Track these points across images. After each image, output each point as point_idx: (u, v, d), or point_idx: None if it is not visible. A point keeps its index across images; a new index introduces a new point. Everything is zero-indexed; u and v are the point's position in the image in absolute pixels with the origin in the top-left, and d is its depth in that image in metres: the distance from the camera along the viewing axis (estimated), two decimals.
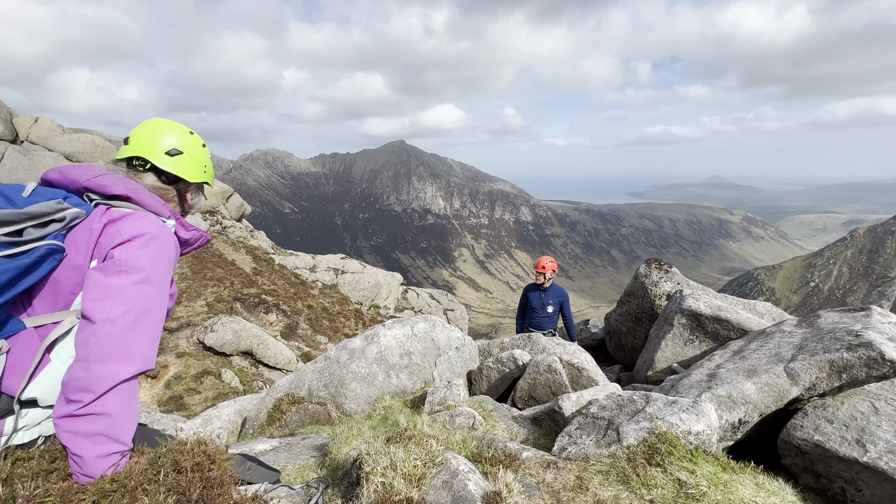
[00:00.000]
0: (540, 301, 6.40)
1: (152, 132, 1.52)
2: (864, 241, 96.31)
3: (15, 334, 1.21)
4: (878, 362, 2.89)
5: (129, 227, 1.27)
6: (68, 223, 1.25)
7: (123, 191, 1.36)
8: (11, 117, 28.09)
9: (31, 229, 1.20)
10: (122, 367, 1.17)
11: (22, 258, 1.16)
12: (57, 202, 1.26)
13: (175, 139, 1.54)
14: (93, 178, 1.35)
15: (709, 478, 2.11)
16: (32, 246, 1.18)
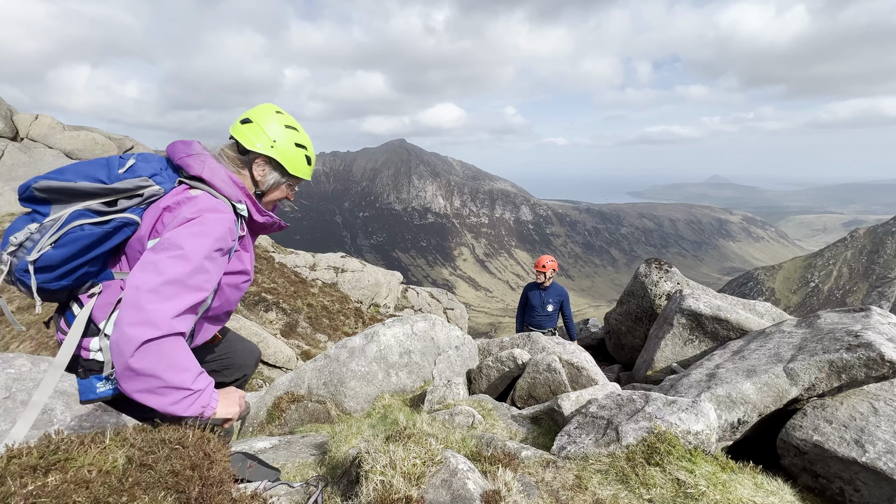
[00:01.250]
0: (540, 300, 6.41)
1: (249, 112, 1.66)
2: (864, 242, 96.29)
3: (107, 281, 1.49)
4: (878, 363, 2.89)
5: (184, 212, 1.43)
6: (146, 199, 1.46)
7: (201, 172, 1.51)
8: (11, 114, 28.06)
9: (123, 200, 1.43)
10: (145, 330, 1.27)
11: (103, 226, 1.40)
12: (141, 179, 1.46)
13: (255, 113, 1.64)
14: (184, 156, 1.53)
15: (708, 477, 2.11)
16: (110, 217, 1.41)
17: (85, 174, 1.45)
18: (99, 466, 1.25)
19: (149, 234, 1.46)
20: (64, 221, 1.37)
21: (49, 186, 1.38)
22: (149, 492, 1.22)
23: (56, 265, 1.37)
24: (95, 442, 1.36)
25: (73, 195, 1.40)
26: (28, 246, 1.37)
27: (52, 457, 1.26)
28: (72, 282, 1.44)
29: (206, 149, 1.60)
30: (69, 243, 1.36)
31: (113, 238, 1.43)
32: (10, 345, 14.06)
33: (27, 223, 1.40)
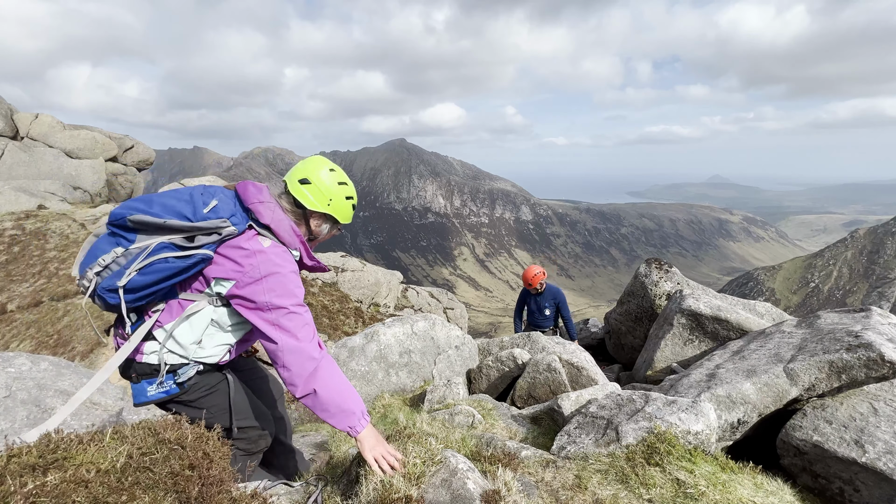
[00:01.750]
0: (537, 305, 6.46)
1: (302, 165, 1.87)
2: (865, 242, 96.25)
3: (172, 300, 1.69)
4: (878, 363, 2.89)
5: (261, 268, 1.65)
6: (223, 238, 1.64)
7: (268, 222, 1.71)
8: (12, 113, 28.03)
9: (201, 236, 1.61)
10: (310, 364, 1.64)
11: (186, 260, 1.58)
12: (221, 221, 1.63)
13: (310, 173, 1.83)
14: (256, 202, 1.72)
15: (707, 477, 2.11)
16: (192, 253, 1.59)
17: (172, 210, 1.62)
18: (98, 466, 1.25)
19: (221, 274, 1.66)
20: (150, 252, 1.56)
21: (143, 221, 1.56)
22: (148, 491, 1.22)
23: (139, 289, 1.57)
24: (94, 441, 1.36)
25: (161, 229, 1.58)
26: (113, 269, 1.56)
27: (51, 456, 1.26)
28: (146, 302, 1.65)
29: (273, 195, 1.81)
30: (154, 273, 1.56)
31: (190, 270, 1.62)
32: (9, 344, 14.04)
33: (112, 246, 1.60)
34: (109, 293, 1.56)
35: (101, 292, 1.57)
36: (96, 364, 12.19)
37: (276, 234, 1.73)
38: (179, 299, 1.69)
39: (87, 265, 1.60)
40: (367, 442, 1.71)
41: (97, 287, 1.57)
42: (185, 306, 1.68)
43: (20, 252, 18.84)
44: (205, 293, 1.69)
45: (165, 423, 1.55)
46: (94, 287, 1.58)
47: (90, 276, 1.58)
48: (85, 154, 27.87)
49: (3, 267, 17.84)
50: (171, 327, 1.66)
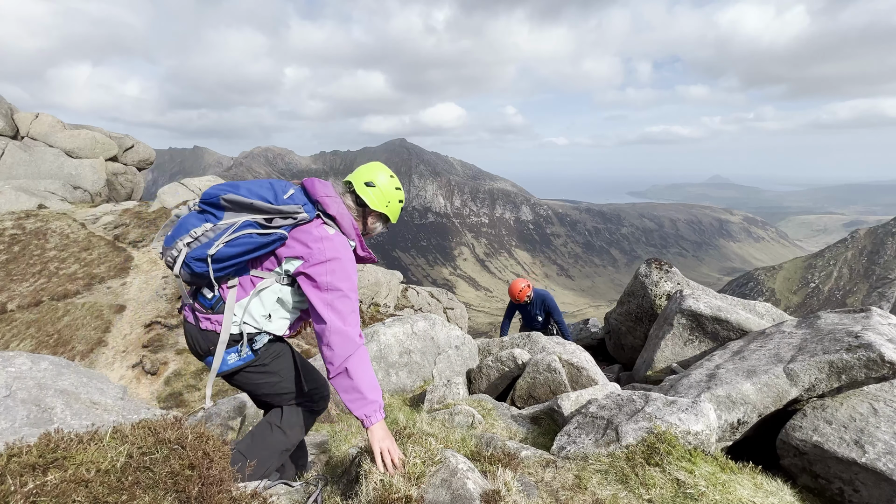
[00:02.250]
0: (528, 313, 6.52)
1: (366, 169, 2.10)
2: (865, 243, 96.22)
3: (244, 275, 1.88)
4: (878, 364, 2.89)
5: (327, 251, 1.83)
6: (297, 222, 1.84)
7: (334, 213, 1.93)
8: (12, 113, 28.02)
9: (279, 219, 1.80)
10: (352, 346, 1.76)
11: (265, 237, 1.78)
12: (298, 207, 1.84)
13: (375, 177, 2.06)
14: (324, 196, 1.93)
15: (707, 478, 2.11)
16: (272, 231, 1.79)
17: (257, 194, 1.84)
18: (98, 465, 1.25)
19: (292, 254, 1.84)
20: (237, 228, 1.76)
21: (233, 199, 1.79)
22: (148, 491, 1.22)
23: (224, 259, 1.76)
24: (94, 441, 1.36)
25: (247, 208, 1.80)
26: (203, 240, 1.76)
27: (52, 455, 1.25)
28: (225, 273, 1.82)
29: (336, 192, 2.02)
30: (239, 245, 1.76)
31: (269, 247, 1.81)
32: (10, 343, 14.04)
33: (202, 221, 1.81)
34: (197, 262, 1.76)
35: (189, 261, 1.76)
36: (96, 363, 12.19)
37: (340, 225, 1.94)
38: (251, 276, 1.88)
39: (177, 237, 1.80)
40: (377, 433, 1.78)
41: (186, 256, 1.76)
42: (256, 283, 1.88)
43: (20, 251, 18.84)
44: (274, 272, 1.88)
45: (165, 423, 1.55)
46: (182, 256, 1.76)
47: (180, 246, 1.77)
48: (85, 154, 27.86)
49: (4, 266, 17.85)
50: (246, 301, 1.86)
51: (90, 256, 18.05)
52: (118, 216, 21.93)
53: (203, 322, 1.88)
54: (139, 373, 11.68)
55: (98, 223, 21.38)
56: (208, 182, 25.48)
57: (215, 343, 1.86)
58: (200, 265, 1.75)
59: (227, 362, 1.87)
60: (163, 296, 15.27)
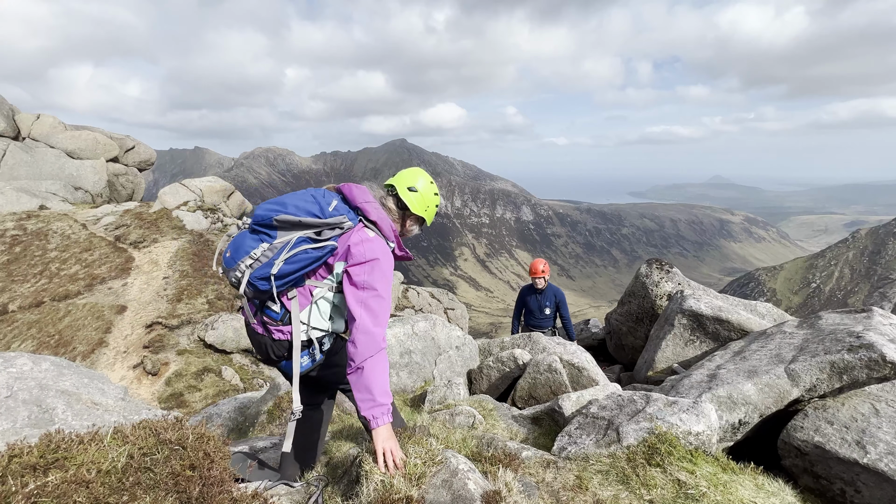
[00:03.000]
0: (537, 303, 6.41)
1: (409, 174, 2.25)
2: (866, 243, 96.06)
3: (302, 286, 2.02)
4: (879, 364, 2.88)
5: (366, 253, 1.95)
6: (343, 231, 1.99)
7: (375, 219, 2.05)
8: (13, 114, 28.07)
9: (327, 231, 1.95)
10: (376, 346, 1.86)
11: (319, 251, 1.93)
12: (342, 217, 1.98)
13: (417, 182, 2.21)
14: (364, 202, 2.05)
15: (708, 478, 2.11)
16: (324, 244, 1.93)
17: (304, 210, 1.98)
18: (99, 466, 1.25)
19: (337, 258, 2.00)
20: (293, 245, 1.90)
21: (286, 220, 1.93)
22: (149, 492, 1.22)
23: (285, 276, 1.91)
24: (95, 441, 1.36)
25: (298, 226, 1.94)
26: (262, 260, 1.91)
27: (52, 456, 1.26)
28: (286, 287, 1.97)
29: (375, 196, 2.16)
30: (297, 262, 1.90)
31: (322, 259, 1.96)
32: (11, 344, 14.05)
33: (258, 242, 1.96)
34: (261, 280, 1.91)
35: (254, 280, 1.91)
36: (97, 364, 12.20)
37: (380, 229, 2.07)
38: (307, 286, 2.04)
39: (237, 258, 1.96)
40: (381, 434, 1.84)
41: (249, 276, 1.92)
42: (312, 291, 2.04)
43: (22, 252, 18.86)
44: (327, 279, 2.04)
45: (166, 424, 1.55)
46: (246, 278, 1.92)
47: (242, 267, 1.93)
48: (86, 154, 27.89)
49: (5, 267, 17.87)
50: (308, 310, 2.04)
51: (91, 257, 18.07)
52: (119, 217, 21.96)
53: (275, 333, 2.04)
54: (140, 373, 11.69)
55: (99, 224, 21.40)
56: (209, 183, 25.50)
57: (288, 350, 2.05)
58: (264, 283, 1.91)
59: (302, 366, 2.06)
60: (164, 296, 15.29)
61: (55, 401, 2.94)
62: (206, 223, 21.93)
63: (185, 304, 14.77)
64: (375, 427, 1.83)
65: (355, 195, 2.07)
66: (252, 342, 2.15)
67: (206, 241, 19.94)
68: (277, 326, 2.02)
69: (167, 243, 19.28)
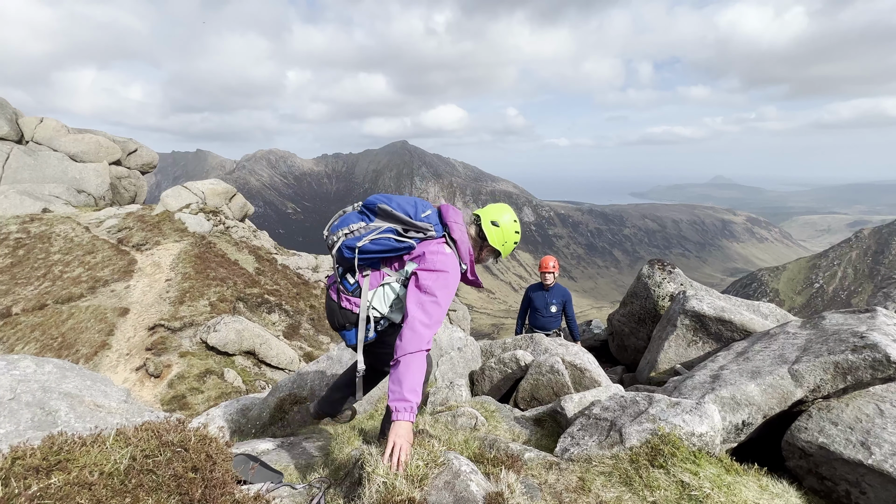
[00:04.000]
0: (544, 301, 6.37)
1: (495, 209, 2.52)
2: (869, 243, 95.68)
3: (376, 270, 2.33)
4: (884, 364, 2.87)
5: (438, 263, 2.19)
6: (426, 237, 2.28)
7: (456, 238, 2.31)
8: (17, 117, 28.22)
9: (413, 231, 2.25)
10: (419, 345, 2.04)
11: (399, 243, 2.23)
12: (430, 225, 2.27)
13: (500, 217, 2.47)
14: (452, 221, 2.34)
15: (712, 480, 2.10)
16: (405, 240, 2.23)
17: (402, 209, 2.29)
18: (101, 468, 1.25)
19: (412, 258, 2.27)
20: (383, 230, 2.24)
21: (386, 209, 2.28)
22: (152, 494, 1.22)
23: (366, 252, 2.26)
24: (97, 443, 1.36)
25: (392, 218, 2.27)
26: (356, 234, 2.28)
27: (55, 458, 1.26)
28: (362, 263, 2.29)
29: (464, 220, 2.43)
30: (380, 244, 2.24)
31: (399, 252, 2.27)
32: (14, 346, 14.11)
33: (359, 220, 2.32)
34: (348, 249, 2.27)
35: (342, 247, 2.28)
36: (100, 366, 12.23)
37: (457, 248, 2.32)
38: (381, 272, 2.34)
39: (339, 227, 2.33)
40: (399, 429, 1.93)
41: (341, 243, 2.28)
42: (384, 277, 2.32)
43: (25, 255, 18.95)
44: (398, 272, 2.32)
45: (168, 426, 1.56)
46: (339, 243, 2.28)
47: (339, 235, 2.30)
48: (89, 157, 28.02)
49: (9, 270, 17.94)
50: (373, 292, 2.32)
51: (94, 260, 18.14)
52: (122, 219, 22.03)
53: (344, 302, 2.37)
54: (143, 375, 11.71)
55: (102, 226, 21.48)
56: (211, 185, 25.57)
57: (350, 320, 2.36)
58: (349, 252, 2.27)
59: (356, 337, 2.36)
60: (166, 299, 15.33)
61: (58, 403, 2.95)
62: (209, 225, 22.00)
63: (187, 307, 14.81)
64: (395, 420, 1.95)
65: (449, 214, 2.37)
66: (326, 307, 2.49)
67: (209, 244, 19.99)
68: (347, 296, 2.36)
69: (169, 246, 19.33)
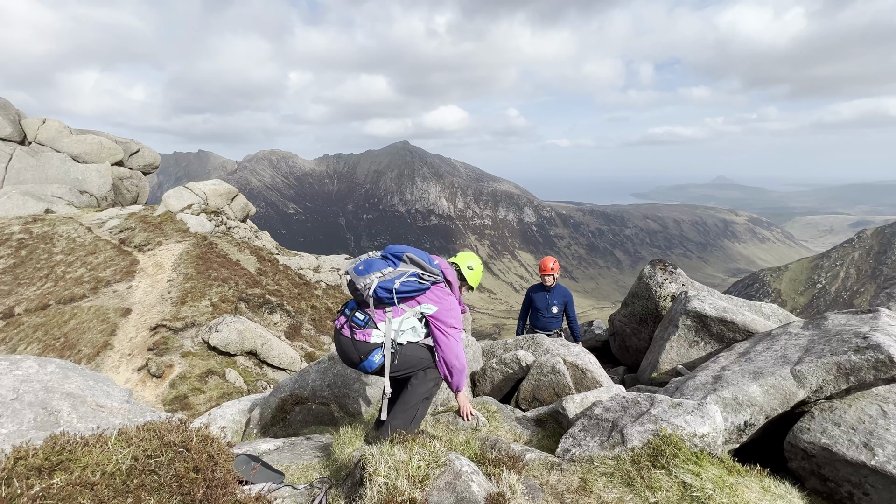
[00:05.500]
0: (545, 302, 6.36)
1: (466, 257, 3.32)
2: (872, 243, 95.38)
3: (395, 305, 2.78)
4: (887, 365, 2.86)
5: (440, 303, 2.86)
6: (434, 281, 2.84)
7: (451, 280, 2.98)
8: (20, 118, 28.32)
9: (428, 276, 2.81)
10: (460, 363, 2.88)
11: (422, 284, 2.79)
12: (438, 272, 2.87)
13: (472, 264, 3.29)
14: (446, 270, 2.97)
15: (714, 480, 2.09)
16: (424, 283, 2.79)
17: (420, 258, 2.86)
18: (103, 468, 1.25)
19: (424, 296, 2.83)
20: (409, 275, 2.76)
21: (412, 258, 2.84)
22: (154, 494, 1.22)
23: (401, 292, 2.73)
24: (99, 443, 1.37)
25: (416, 265, 2.83)
26: (387, 277, 2.73)
27: (57, 458, 1.26)
28: (390, 302, 2.74)
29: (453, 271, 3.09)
30: (408, 286, 2.74)
31: (420, 292, 2.80)
32: (17, 346, 14.15)
33: (386, 265, 2.79)
34: (384, 290, 2.70)
35: (378, 289, 2.71)
36: (102, 367, 12.26)
37: (451, 287, 2.99)
38: (400, 307, 2.82)
39: (370, 271, 2.77)
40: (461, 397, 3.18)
41: (376, 285, 2.70)
42: (402, 313, 2.82)
43: (28, 256, 19.01)
44: (412, 309, 2.84)
45: (170, 426, 1.56)
46: (374, 285, 2.70)
47: (373, 277, 2.73)
48: (91, 158, 28.10)
49: (11, 270, 18.00)
50: (398, 321, 2.80)
51: (96, 260, 18.18)
52: (124, 220, 22.09)
53: (358, 334, 2.76)
54: (144, 376, 11.74)
55: (104, 227, 21.54)
56: (213, 186, 25.62)
57: (365, 351, 2.76)
58: (385, 293, 2.71)
59: (375, 362, 2.76)
60: (168, 299, 15.36)
61: (60, 403, 2.95)
62: (210, 226, 22.04)
63: (189, 307, 14.83)
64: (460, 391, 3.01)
65: (446, 267, 3.03)
66: (336, 343, 2.88)
67: (210, 244, 20.02)
68: (359, 330, 2.76)
69: (171, 246, 19.37)
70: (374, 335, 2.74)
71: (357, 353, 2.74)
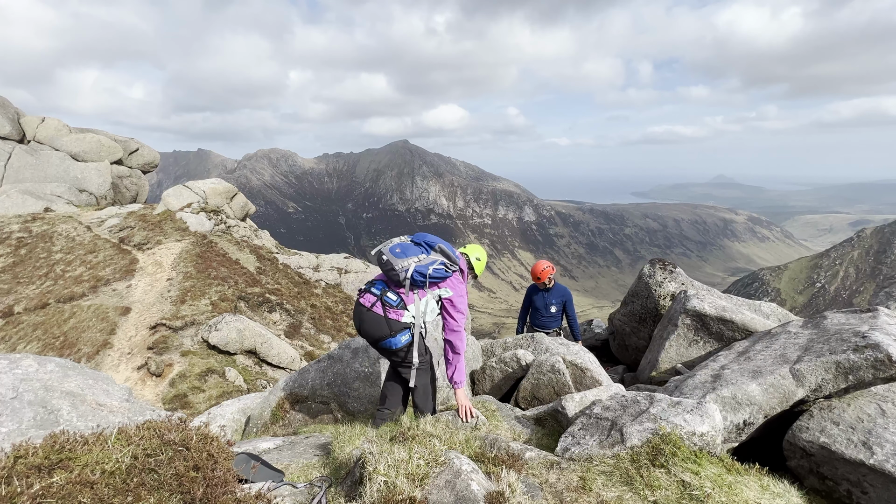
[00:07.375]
0: (543, 301, 6.37)
1: (474, 249, 3.66)
2: (871, 242, 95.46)
3: (421, 288, 3.10)
4: (886, 364, 2.86)
5: (455, 289, 3.18)
6: (454, 270, 3.16)
7: (464, 269, 3.29)
8: (19, 117, 28.26)
9: (450, 265, 3.14)
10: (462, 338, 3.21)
11: (447, 272, 3.10)
12: (457, 263, 3.18)
13: (479, 255, 3.63)
14: (461, 262, 3.25)
15: (713, 479, 2.10)
16: (448, 270, 3.12)
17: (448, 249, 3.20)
18: (103, 467, 1.25)
19: (444, 284, 3.15)
20: (438, 262, 3.10)
21: (442, 248, 3.19)
22: (153, 493, 1.22)
23: (433, 277, 3.05)
24: (99, 442, 1.37)
25: (445, 255, 3.17)
26: (422, 262, 3.07)
27: (57, 456, 1.26)
28: (423, 285, 3.07)
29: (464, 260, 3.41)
30: (437, 272, 3.07)
31: (444, 279, 3.12)
32: (16, 345, 14.14)
33: (419, 251, 3.13)
34: (419, 274, 3.02)
35: (414, 273, 3.02)
36: (102, 365, 12.26)
37: (463, 276, 3.32)
38: (424, 290, 3.13)
39: (406, 255, 3.08)
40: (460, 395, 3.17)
41: (414, 269, 3.02)
42: (425, 295, 3.13)
43: (27, 254, 18.99)
44: (432, 292, 3.15)
45: (170, 425, 1.56)
46: (412, 269, 3.02)
47: (410, 261, 3.04)
48: (91, 157, 28.05)
49: (11, 269, 17.99)
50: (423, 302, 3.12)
51: (96, 259, 18.17)
52: (123, 219, 22.07)
53: (391, 313, 3.06)
54: (144, 374, 11.74)
55: (103, 226, 21.52)
56: (212, 184, 25.59)
57: (397, 329, 3.06)
58: (420, 277, 3.03)
59: (401, 340, 3.09)
60: (168, 298, 15.35)
61: (60, 402, 2.96)
62: (210, 225, 22.01)
63: (188, 306, 14.83)
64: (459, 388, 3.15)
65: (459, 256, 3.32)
66: (363, 320, 3.12)
67: (210, 243, 20.01)
68: (392, 309, 3.07)
69: (171, 245, 19.36)
70: (405, 315, 3.08)
71: (389, 329, 3.05)
